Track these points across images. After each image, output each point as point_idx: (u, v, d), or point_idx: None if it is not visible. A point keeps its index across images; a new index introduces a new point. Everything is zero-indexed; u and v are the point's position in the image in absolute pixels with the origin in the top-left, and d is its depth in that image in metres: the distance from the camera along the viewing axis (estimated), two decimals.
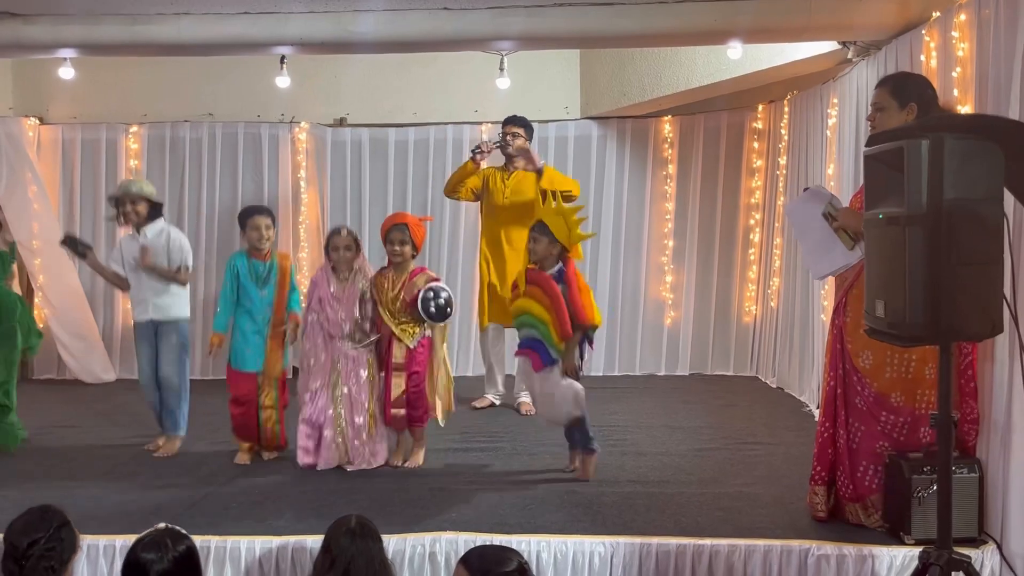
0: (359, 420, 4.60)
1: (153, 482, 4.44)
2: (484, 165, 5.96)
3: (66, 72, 5.58)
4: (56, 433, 5.50)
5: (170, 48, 5.10)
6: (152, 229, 4.93)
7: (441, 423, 4.74)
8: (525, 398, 5.78)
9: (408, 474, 4.56)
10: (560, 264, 4.38)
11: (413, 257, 4.70)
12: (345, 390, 4.61)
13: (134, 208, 4.88)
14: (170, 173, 7.28)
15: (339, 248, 4.63)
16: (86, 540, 3.27)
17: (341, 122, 7.44)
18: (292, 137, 7.33)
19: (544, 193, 5.39)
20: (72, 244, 5.08)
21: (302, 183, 7.36)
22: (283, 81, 5.68)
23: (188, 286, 5.07)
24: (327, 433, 4.60)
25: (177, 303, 4.97)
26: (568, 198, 5.32)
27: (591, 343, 4.50)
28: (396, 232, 4.63)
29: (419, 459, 4.69)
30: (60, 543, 2.60)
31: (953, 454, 3.07)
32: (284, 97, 6.69)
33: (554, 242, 4.33)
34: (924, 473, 3.40)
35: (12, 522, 2.65)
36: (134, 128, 7.33)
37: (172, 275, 4.92)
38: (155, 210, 4.96)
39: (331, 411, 4.60)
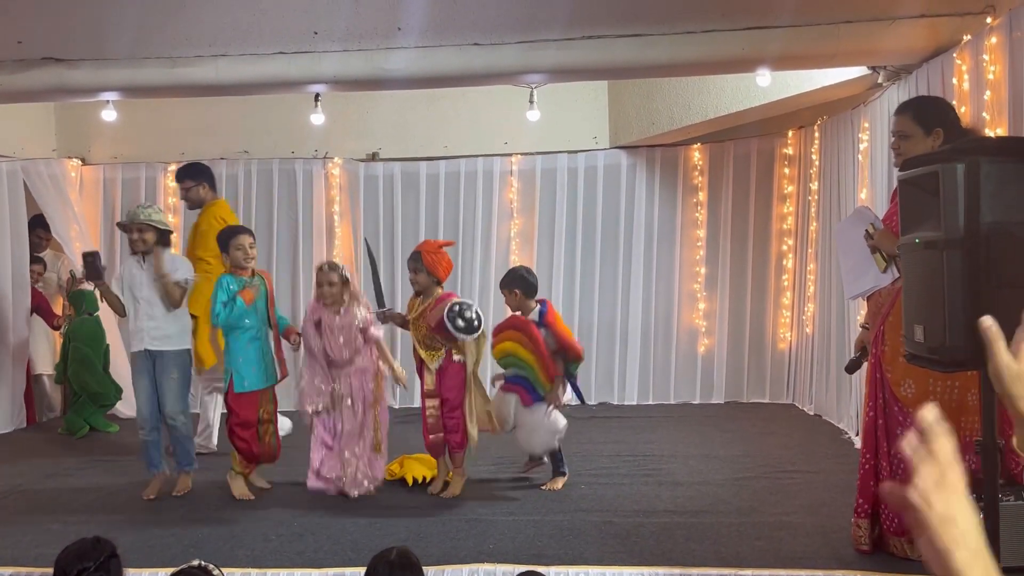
0: (357, 428, 4.65)
1: (192, 515, 4.48)
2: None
3: (108, 115, 5.74)
4: (98, 467, 5.59)
5: (208, 89, 5.22)
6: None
7: (472, 451, 4.81)
8: None
9: (445, 505, 4.57)
10: (540, 307, 4.83)
11: (437, 284, 4.75)
12: (348, 401, 4.66)
13: (141, 236, 4.69)
14: None
15: (322, 284, 4.68)
16: (129, 573, 3.30)
17: (373, 157, 7.56)
18: (326, 172, 7.46)
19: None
20: (94, 264, 4.83)
21: (336, 217, 7.47)
22: (318, 118, 5.79)
23: (187, 317, 4.92)
24: (333, 447, 4.66)
25: (176, 333, 4.79)
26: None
27: (573, 378, 4.87)
28: (410, 262, 4.81)
29: (456, 490, 4.70)
30: (107, 573, 2.64)
31: (999, 481, 3.01)
32: (317, 133, 6.82)
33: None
34: None
35: (64, 549, 2.70)
36: (172, 166, 7.49)
37: (173, 286, 4.70)
38: (163, 238, 4.77)
39: (340, 426, 4.66)
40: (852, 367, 3.92)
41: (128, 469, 5.48)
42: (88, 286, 6.74)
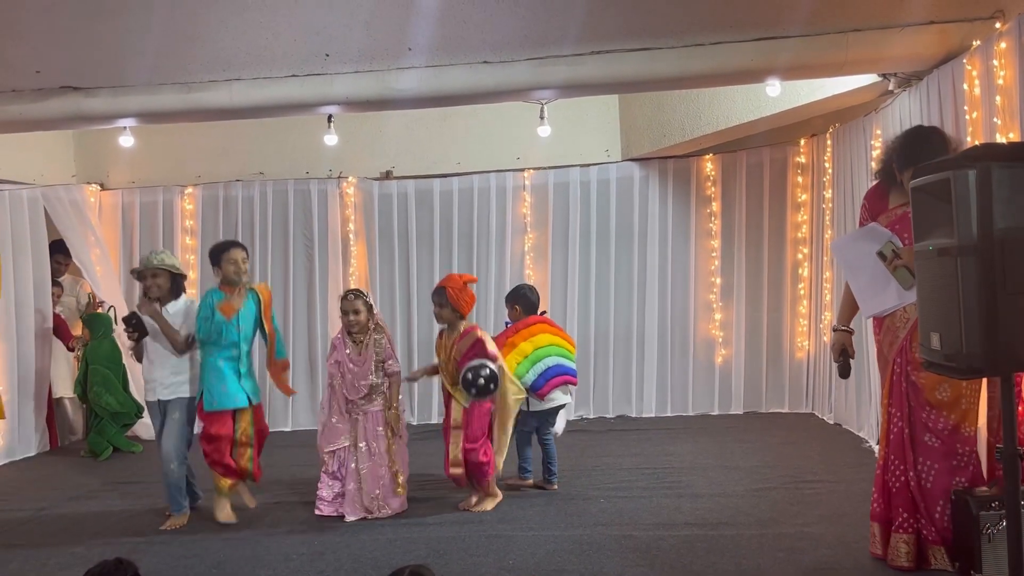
0: (374, 470, 4.70)
1: (215, 536, 4.51)
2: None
3: (126, 140, 5.81)
4: (120, 489, 5.64)
5: (223, 113, 5.29)
6: (174, 306, 4.73)
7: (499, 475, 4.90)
8: None
9: (465, 521, 4.57)
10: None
11: (461, 318, 4.79)
12: (363, 445, 4.72)
13: (155, 281, 4.68)
14: (224, 231, 7.51)
15: (348, 312, 4.75)
16: None
17: (387, 175, 7.61)
18: (340, 192, 7.52)
19: None
20: (137, 324, 4.71)
21: (351, 236, 7.52)
22: (331, 139, 5.83)
23: (195, 367, 4.75)
24: (350, 487, 4.71)
25: (184, 383, 4.73)
26: None
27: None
28: (434, 296, 4.84)
29: (486, 506, 4.77)
30: None
31: (1022, 488, 2.98)
32: (331, 153, 6.89)
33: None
34: (992, 509, 3.30)
35: (87, 572, 2.73)
36: (189, 189, 7.60)
37: (174, 335, 4.65)
38: (177, 283, 4.77)
39: (352, 465, 4.72)
40: (846, 371, 3.91)
41: (150, 491, 5.52)
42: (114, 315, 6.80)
